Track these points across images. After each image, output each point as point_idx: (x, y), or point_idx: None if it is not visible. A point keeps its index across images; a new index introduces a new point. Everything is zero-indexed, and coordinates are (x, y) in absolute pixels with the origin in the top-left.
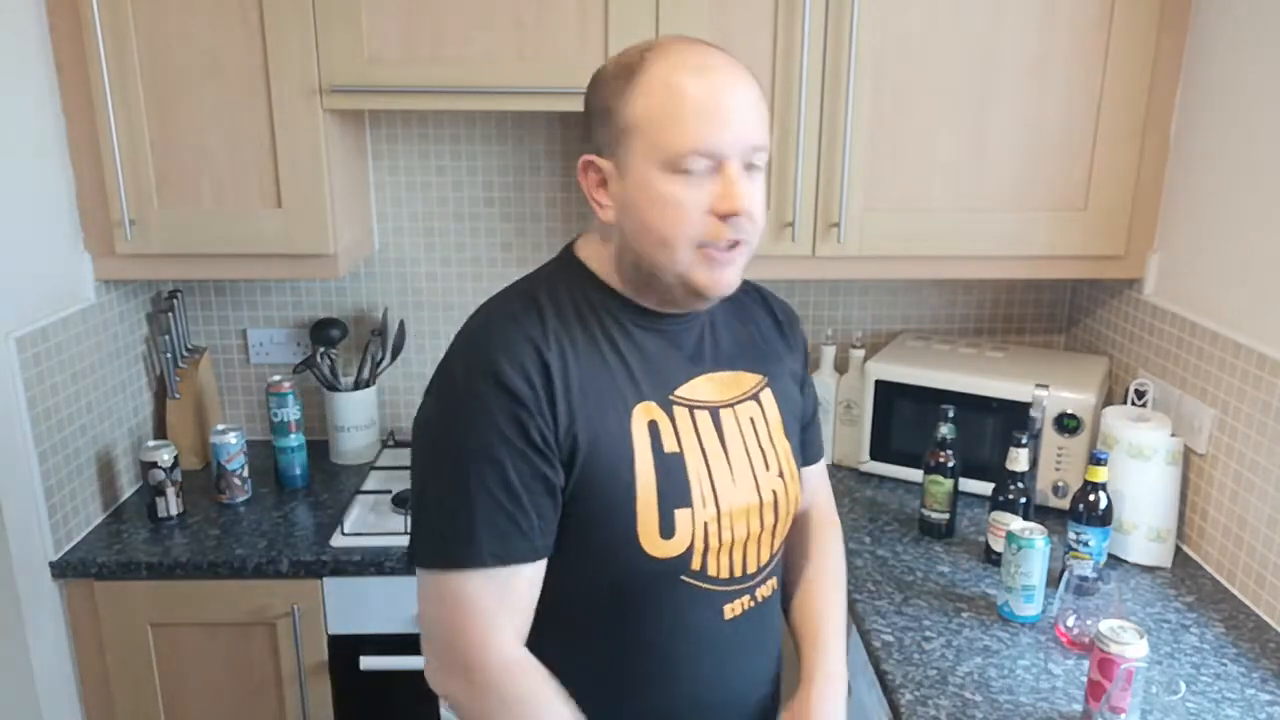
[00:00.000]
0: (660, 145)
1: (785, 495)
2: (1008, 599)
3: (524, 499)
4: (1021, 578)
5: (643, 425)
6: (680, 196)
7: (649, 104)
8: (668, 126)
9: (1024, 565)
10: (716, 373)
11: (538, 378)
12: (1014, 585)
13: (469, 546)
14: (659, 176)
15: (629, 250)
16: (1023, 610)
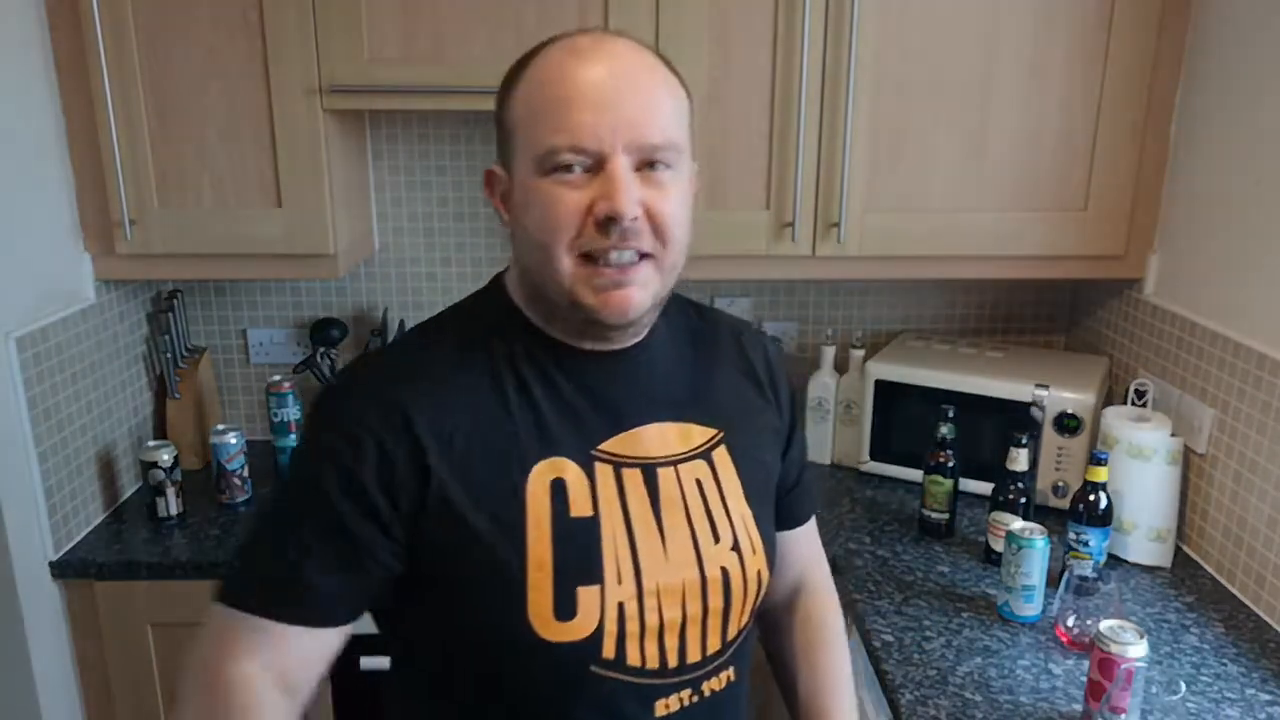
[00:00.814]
0: (533, 141)
1: (742, 572)
2: (1008, 599)
3: (311, 561)
4: (1021, 578)
5: (543, 486)
6: (554, 195)
7: (527, 99)
8: (539, 120)
9: (1024, 565)
10: (658, 424)
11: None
12: (1014, 585)
13: (242, 589)
14: (535, 177)
15: (525, 265)
16: (1023, 610)
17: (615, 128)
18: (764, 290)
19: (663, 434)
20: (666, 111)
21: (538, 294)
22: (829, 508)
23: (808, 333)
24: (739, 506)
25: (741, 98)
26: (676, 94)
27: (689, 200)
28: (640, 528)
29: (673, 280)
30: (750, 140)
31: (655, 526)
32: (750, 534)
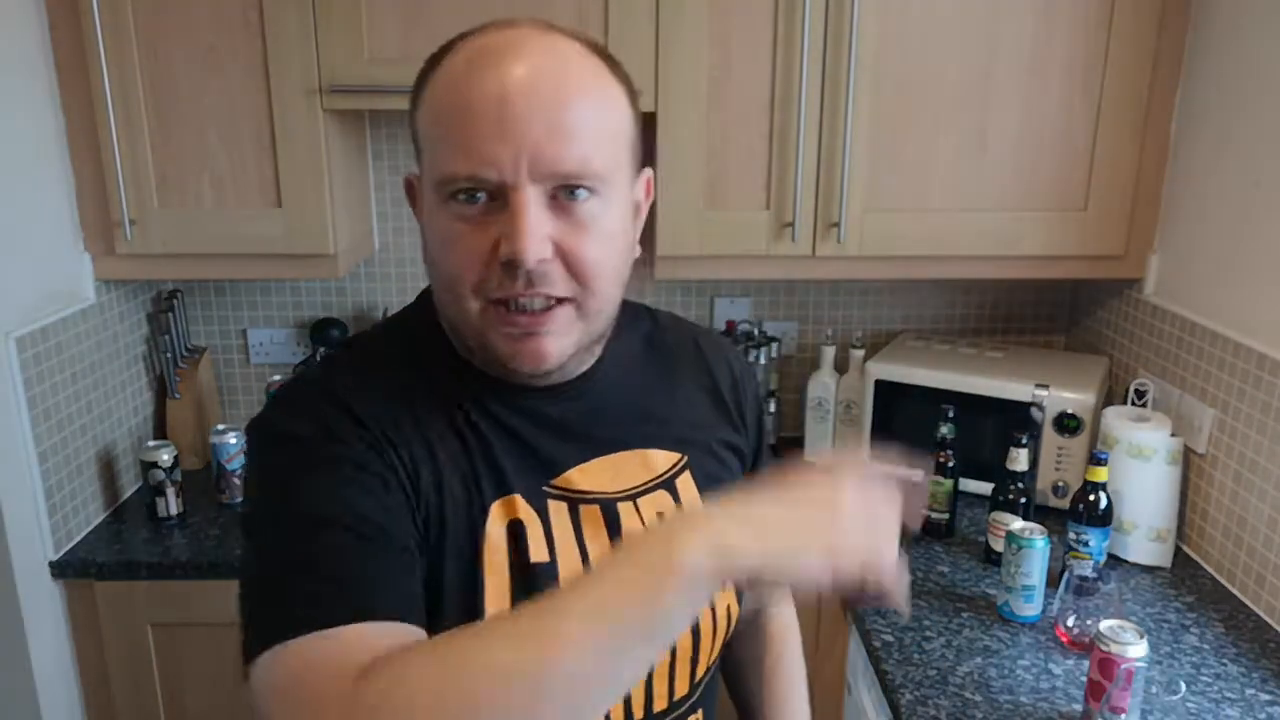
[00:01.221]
0: (433, 163)
1: (710, 611)
2: (1008, 599)
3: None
4: (1021, 578)
5: (500, 530)
6: (454, 232)
7: (431, 108)
8: (440, 138)
9: (1024, 565)
10: (615, 453)
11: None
12: (1014, 585)
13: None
14: (438, 204)
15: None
16: (1023, 610)
17: (520, 153)
18: (764, 290)
19: (621, 464)
20: (590, 129)
21: (452, 325)
22: None
23: (808, 333)
24: None
25: (741, 98)
26: (607, 103)
27: (623, 228)
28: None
29: (603, 322)
30: (750, 140)
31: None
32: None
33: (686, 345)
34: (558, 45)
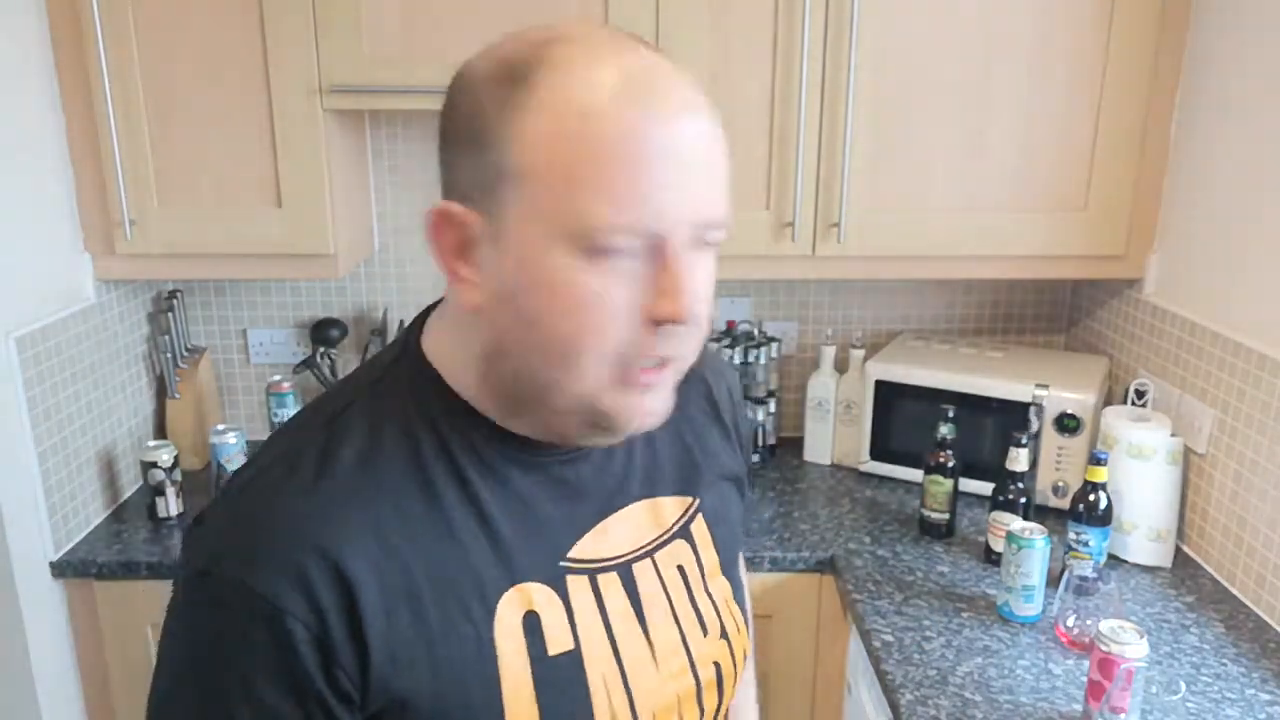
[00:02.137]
0: (568, 210)
1: (730, 663)
2: (1008, 599)
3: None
4: (1021, 578)
5: (515, 624)
6: (599, 291)
7: (551, 139)
8: (583, 184)
9: (1024, 565)
10: (627, 507)
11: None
12: (1014, 585)
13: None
14: (563, 255)
15: (506, 356)
16: (1023, 610)
17: (682, 203)
18: (764, 290)
19: (634, 518)
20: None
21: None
22: (829, 507)
23: (808, 333)
24: (718, 586)
25: (741, 97)
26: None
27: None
28: (627, 646)
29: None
30: (750, 140)
31: (643, 638)
32: (733, 613)
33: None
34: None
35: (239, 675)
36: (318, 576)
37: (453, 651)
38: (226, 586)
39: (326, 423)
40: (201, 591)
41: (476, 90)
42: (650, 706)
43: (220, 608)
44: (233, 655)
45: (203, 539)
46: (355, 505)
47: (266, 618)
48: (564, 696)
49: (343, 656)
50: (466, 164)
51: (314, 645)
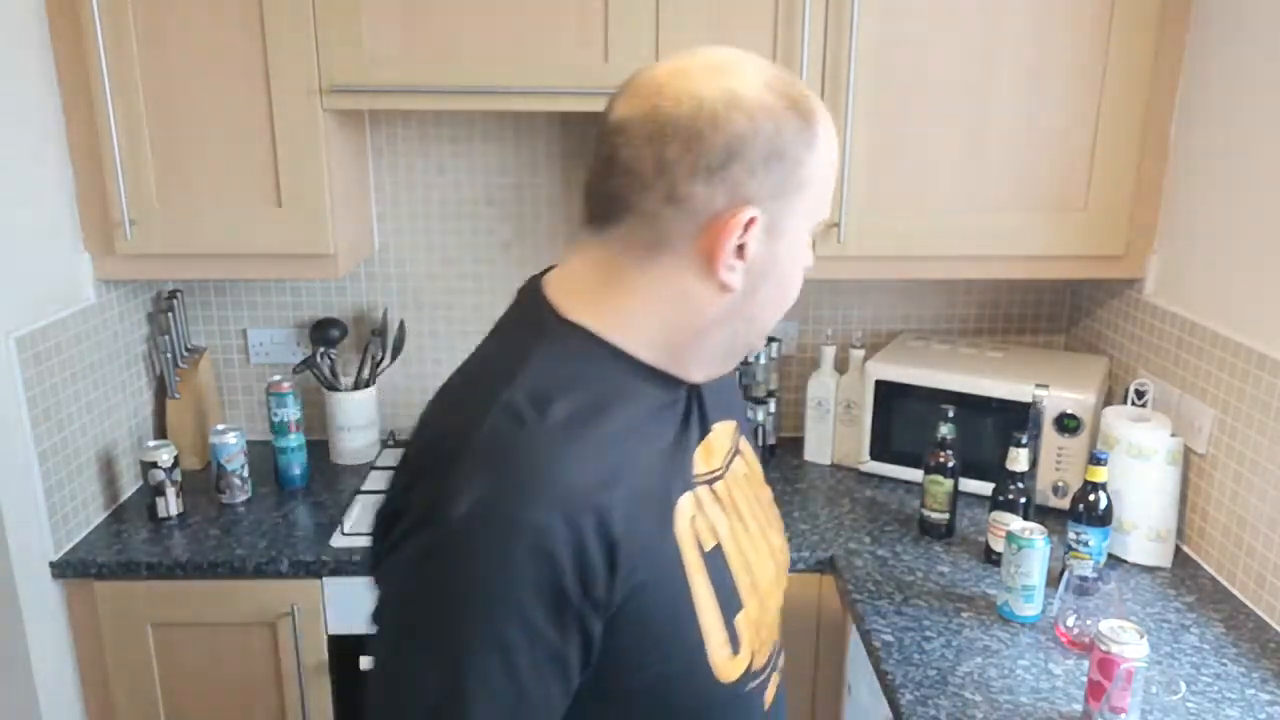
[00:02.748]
0: (820, 210)
1: (786, 552)
2: (1007, 599)
3: (535, 694)
4: (1021, 578)
5: (687, 529)
6: (807, 261)
7: (826, 161)
8: (828, 190)
9: (1024, 565)
10: (710, 431)
11: (588, 523)
12: (1014, 585)
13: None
14: (807, 242)
15: (740, 319)
16: (1023, 610)
17: None
18: None
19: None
20: None
21: (732, 340)
22: (829, 508)
23: (808, 333)
24: (765, 491)
25: None
26: None
27: None
28: (741, 539)
29: None
30: None
31: (745, 531)
32: (777, 513)
33: None
34: None
35: (512, 601)
36: (576, 506)
37: (657, 549)
38: (496, 525)
39: (526, 382)
40: (469, 534)
41: (780, 122)
42: (763, 584)
43: (492, 544)
44: (505, 584)
45: (459, 492)
46: (578, 442)
47: (534, 547)
48: (723, 579)
49: (599, 572)
50: (764, 175)
51: (576, 567)
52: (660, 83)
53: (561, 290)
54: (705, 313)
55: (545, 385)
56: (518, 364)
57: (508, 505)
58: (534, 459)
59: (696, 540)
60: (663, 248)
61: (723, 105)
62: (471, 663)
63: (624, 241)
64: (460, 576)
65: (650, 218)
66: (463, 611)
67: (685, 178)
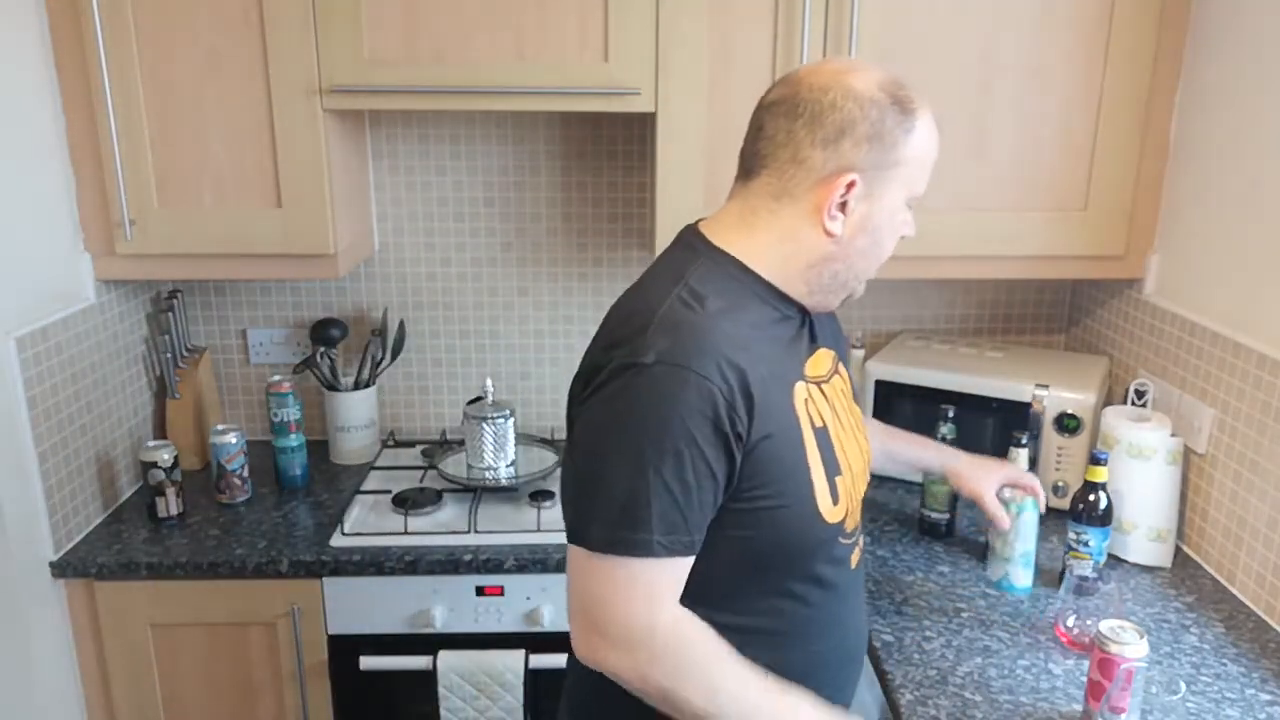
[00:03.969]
0: (915, 185)
1: (869, 451)
2: (1007, 570)
3: (695, 494)
4: (1020, 544)
5: (801, 404)
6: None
7: (921, 147)
8: (924, 173)
9: (1023, 530)
10: (814, 353)
11: (735, 379)
12: (1011, 555)
13: (644, 535)
14: (903, 209)
15: (841, 262)
16: (1021, 580)
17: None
18: None
19: (819, 359)
20: None
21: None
22: None
23: None
24: (856, 408)
25: (741, 97)
26: None
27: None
28: (838, 428)
29: None
30: None
31: (840, 426)
32: (864, 427)
33: None
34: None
35: (683, 425)
36: (725, 363)
37: (781, 413)
38: (675, 370)
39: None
40: (656, 375)
41: (881, 108)
42: (854, 468)
43: (673, 383)
44: (678, 411)
45: (650, 348)
46: (728, 325)
47: (700, 387)
48: (828, 450)
49: (741, 412)
50: (865, 151)
51: (727, 404)
52: (801, 76)
53: (712, 227)
54: (815, 251)
55: (702, 287)
56: (682, 272)
57: (682, 358)
58: (698, 331)
59: (809, 418)
60: (786, 198)
61: (840, 95)
62: (653, 465)
63: (760, 191)
64: (649, 404)
65: (780, 174)
66: (650, 428)
67: (807, 146)
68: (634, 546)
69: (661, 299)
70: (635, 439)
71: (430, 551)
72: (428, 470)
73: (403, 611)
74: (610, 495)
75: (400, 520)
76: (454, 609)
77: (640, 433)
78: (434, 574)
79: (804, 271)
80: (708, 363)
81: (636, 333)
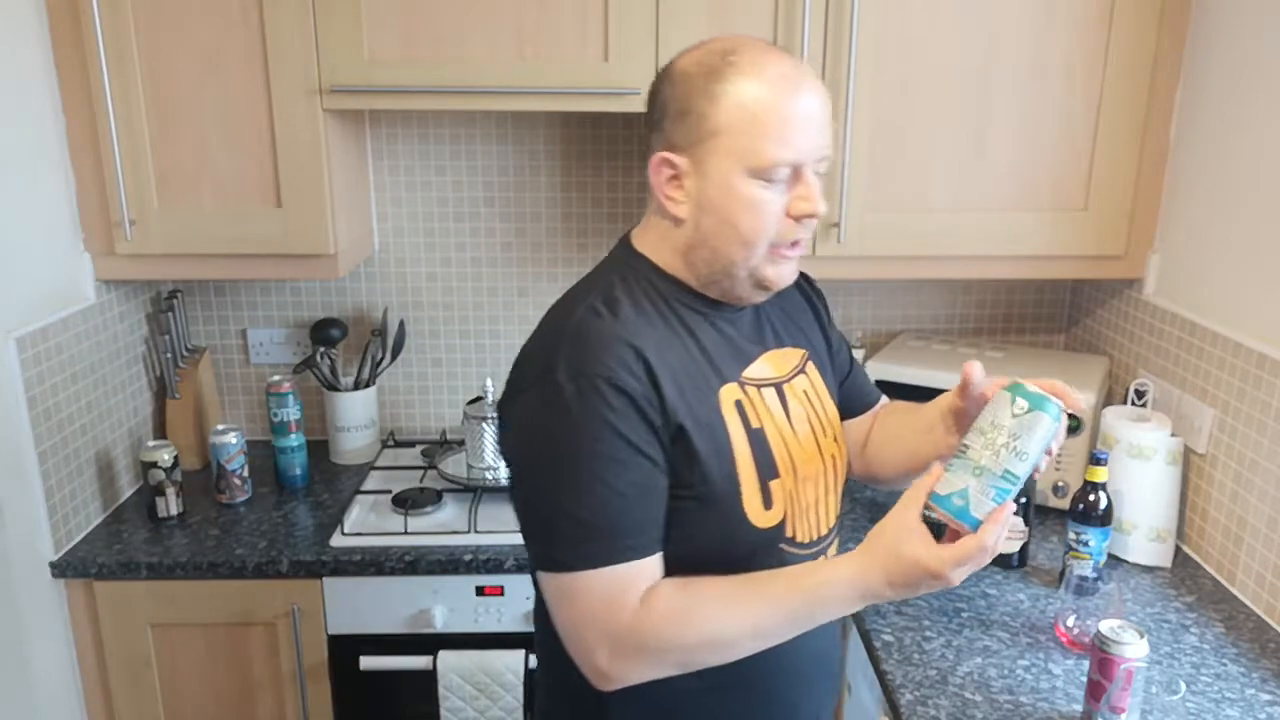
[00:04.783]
0: (750, 154)
1: (839, 456)
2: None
3: (647, 493)
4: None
5: (730, 406)
6: (764, 200)
7: (740, 113)
8: (760, 138)
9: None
10: (770, 352)
11: (643, 374)
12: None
13: (613, 542)
14: (744, 181)
15: (703, 246)
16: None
17: (812, 145)
18: None
19: (776, 359)
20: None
21: (710, 265)
22: None
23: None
24: (830, 406)
25: None
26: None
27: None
28: (786, 432)
29: None
30: None
31: (792, 430)
32: (838, 426)
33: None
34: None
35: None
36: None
37: (702, 411)
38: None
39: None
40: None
41: (687, 83)
42: (802, 472)
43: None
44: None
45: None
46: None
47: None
48: (763, 454)
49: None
50: (678, 128)
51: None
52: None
53: (637, 230)
54: (678, 238)
55: (618, 294)
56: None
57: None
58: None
59: (742, 417)
60: (650, 190)
61: (661, 78)
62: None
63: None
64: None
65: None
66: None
67: (648, 135)
68: (605, 556)
69: (573, 311)
70: (570, 455)
71: (430, 551)
72: (428, 470)
73: (403, 611)
74: (565, 515)
75: (400, 520)
76: (454, 609)
77: (574, 447)
78: (434, 574)
79: (685, 261)
80: (613, 364)
81: (549, 349)
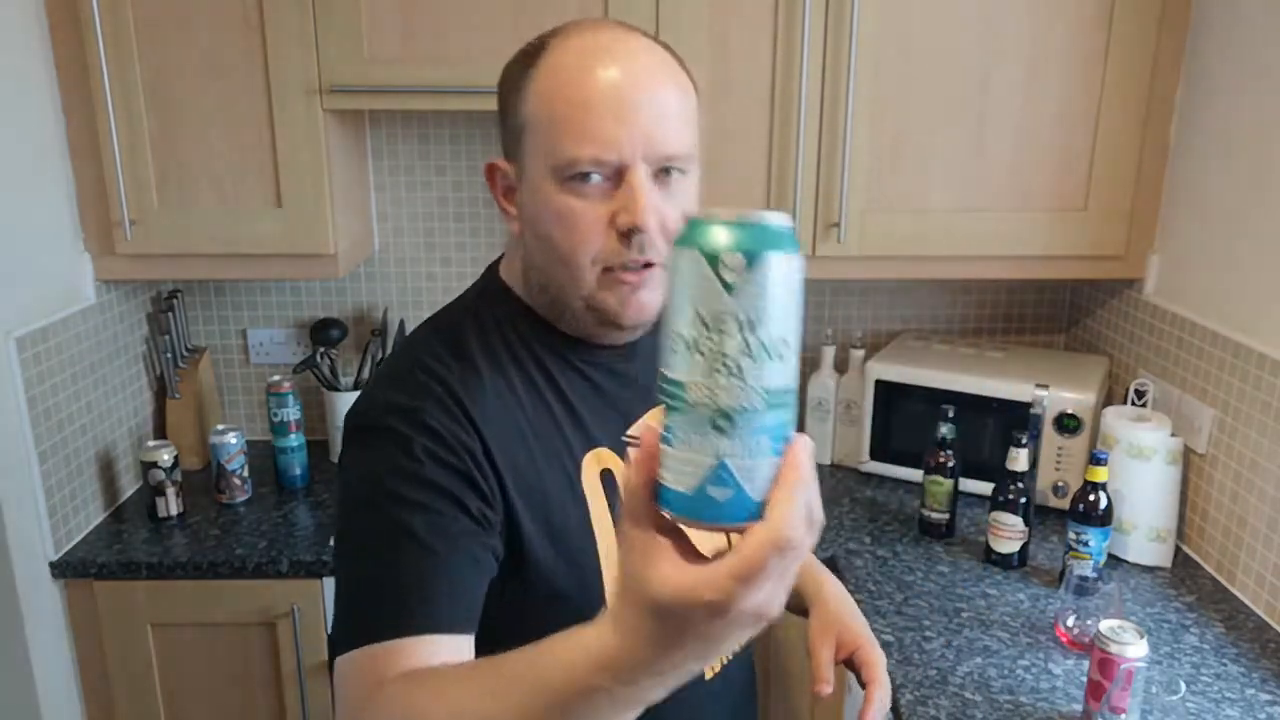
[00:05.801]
0: (549, 150)
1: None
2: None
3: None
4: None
5: (594, 477)
6: (574, 209)
7: (541, 99)
8: (558, 128)
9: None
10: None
11: (453, 406)
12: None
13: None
14: (550, 186)
15: (533, 268)
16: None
17: (634, 138)
18: None
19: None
20: (682, 117)
21: (545, 292)
22: (829, 507)
23: (808, 333)
24: None
25: (741, 97)
26: (688, 93)
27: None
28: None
29: None
30: (750, 140)
31: None
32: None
33: None
34: (650, 44)
35: (411, 470)
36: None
37: (553, 487)
38: (390, 418)
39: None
40: (368, 431)
41: (506, 74)
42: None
43: (386, 431)
44: (403, 457)
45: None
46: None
47: (415, 423)
48: None
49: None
50: (504, 129)
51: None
52: None
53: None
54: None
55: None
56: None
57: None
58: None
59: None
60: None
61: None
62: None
63: None
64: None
65: None
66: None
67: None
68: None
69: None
70: (372, 506)
71: None
72: None
73: None
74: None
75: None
76: None
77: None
78: None
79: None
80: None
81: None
